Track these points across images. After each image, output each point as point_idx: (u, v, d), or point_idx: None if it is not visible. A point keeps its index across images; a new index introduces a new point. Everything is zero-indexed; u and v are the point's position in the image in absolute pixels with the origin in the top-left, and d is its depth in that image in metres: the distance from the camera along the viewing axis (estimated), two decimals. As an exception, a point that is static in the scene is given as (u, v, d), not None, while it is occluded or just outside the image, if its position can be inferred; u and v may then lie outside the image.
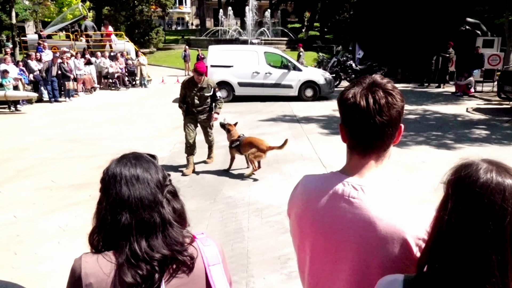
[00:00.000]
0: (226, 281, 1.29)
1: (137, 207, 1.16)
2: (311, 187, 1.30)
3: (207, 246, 1.30)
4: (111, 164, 1.23)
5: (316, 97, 14.12)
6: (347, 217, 1.18)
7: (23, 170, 6.89)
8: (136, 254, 1.14)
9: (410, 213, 1.13)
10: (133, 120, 11.18)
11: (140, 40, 30.31)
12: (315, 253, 1.28)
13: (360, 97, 1.17)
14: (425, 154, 7.51)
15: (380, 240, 1.12)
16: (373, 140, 1.20)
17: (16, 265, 3.97)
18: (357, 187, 1.18)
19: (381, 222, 1.12)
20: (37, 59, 14.95)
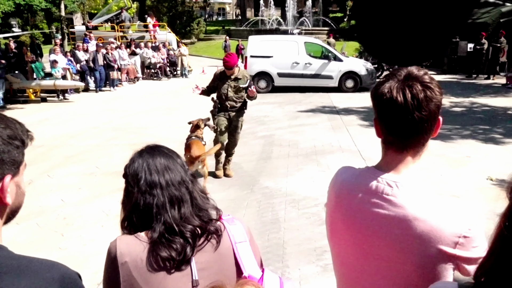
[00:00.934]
0: (254, 259, 1.32)
1: (168, 187, 1.25)
2: (345, 181, 1.29)
3: (233, 225, 1.35)
4: (135, 157, 1.32)
5: (357, 88, 13.84)
6: (380, 214, 1.15)
7: (71, 156, 7.21)
8: (170, 227, 1.21)
9: (447, 211, 1.10)
10: (174, 109, 11.42)
11: (181, 30, 30.77)
12: (347, 248, 1.27)
13: (397, 92, 1.12)
14: (471, 148, 7.21)
15: (416, 239, 1.09)
16: (411, 136, 1.15)
17: (63, 246, 4.18)
18: (391, 184, 1.15)
19: (417, 220, 1.09)
20: (84, 49, 15.51)
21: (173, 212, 1.22)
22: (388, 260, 1.15)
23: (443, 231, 1.07)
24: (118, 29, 19.67)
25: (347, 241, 1.26)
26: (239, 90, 5.75)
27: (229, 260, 1.29)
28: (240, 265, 1.29)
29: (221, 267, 1.28)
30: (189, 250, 1.21)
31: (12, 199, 0.91)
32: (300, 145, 7.59)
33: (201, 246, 1.25)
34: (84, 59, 15.00)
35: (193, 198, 1.28)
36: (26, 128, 0.96)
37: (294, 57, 13.77)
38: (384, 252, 1.16)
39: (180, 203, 1.25)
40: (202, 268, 1.24)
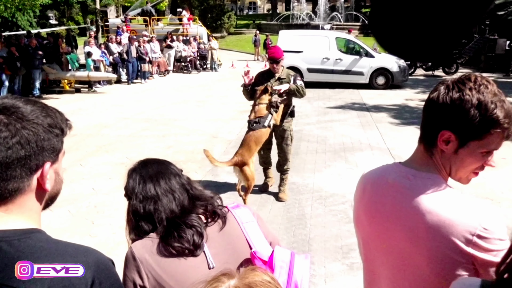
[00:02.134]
0: (262, 236, 1.37)
1: (165, 191, 1.32)
2: (369, 175, 1.33)
3: (238, 209, 1.42)
4: (130, 172, 1.41)
5: (388, 85, 13.56)
6: (397, 207, 1.18)
7: (103, 146, 7.40)
8: (173, 222, 1.27)
9: (462, 208, 1.08)
10: (203, 102, 11.52)
11: (212, 24, 30.94)
12: (369, 240, 1.31)
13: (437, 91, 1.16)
14: (507, 150, 6.94)
15: (428, 233, 1.09)
16: (431, 139, 1.16)
17: (94, 233, 4.30)
18: (411, 178, 1.17)
19: (430, 214, 1.09)
20: (117, 42, 15.83)
21: (171, 207, 1.29)
22: (404, 253, 1.17)
23: (455, 225, 1.06)
24: (150, 22, 19.96)
25: (368, 234, 1.30)
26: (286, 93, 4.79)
27: (240, 240, 1.35)
28: (249, 242, 1.34)
29: (234, 249, 1.33)
30: (197, 237, 1.26)
31: (51, 186, 0.94)
32: (328, 141, 7.52)
33: (210, 227, 1.32)
34: (117, 51, 15.32)
35: (189, 192, 1.35)
36: (66, 117, 0.99)
37: (324, 52, 13.62)
38: (401, 245, 1.18)
39: (178, 199, 1.31)
40: (216, 253, 1.29)
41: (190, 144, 7.37)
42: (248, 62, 20.96)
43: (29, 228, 0.90)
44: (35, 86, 12.30)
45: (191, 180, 1.42)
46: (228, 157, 6.59)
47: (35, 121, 0.89)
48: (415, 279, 1.15)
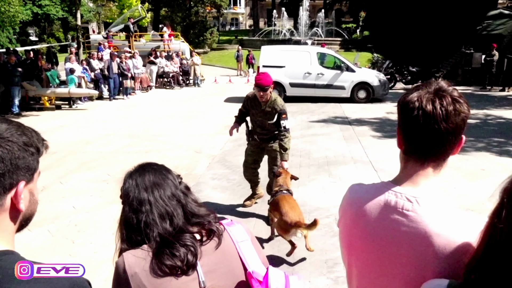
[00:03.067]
0: (257, 256, 1.34)
1: (157, 202, 1.28)
2: (361, 197, 1.26)
3: (232, 226, 1.39)
4: (126, 177, 1.37)
5: (369, 99, 13.78)
6: (401, 231, 1.13)
7: (85, 163, 7.28)
8: (165, 239, 1.23)
9: (470, 227, 1.07)
10: (187, 118, 11.49)
11: (195, 40, 31.11)
12: (366, 266, 1.24)
13: (427, 101, 1.11)
14: (486, 161, 7.10)
15: (437, 256, 1.07)
16: (435, 147, 1.14)
17: (74, 253, 4.20)
18: (411, 199, 1.13)
19: (439, 237, 1.07)
20: (99, 58, 15.75)
21: (165, 226, 1.25)
22: (408, 278, 1.13)
23: (466, 247, 1.05)
24: (132, 39, 19.94)
25: (365, 259, 1.23)
26: (269, 125, 4.77)
27: (234, 259, 1.32)
28: (244, 263, 1.31)
29: (228, 267, 1.30)
30: (191, 257, 1.23)
31: (26, 206, 0.92)
32: (312, 155, 7.55)
33: (204, 245, 1.28)
34: (99, 67, 15.22)
35: (185, 208, 1.31)
36: (42, 137, 0.97)
37: (306, 67, 13.79)
38: (404, 269, 1.14)
39: (172, 216, 1.27)
40: (209, 270, 1.26)
41: (175, 159, 7.31)
42: (231, 78, 21.08)
43: (1, 250, 0.87)
44: (14, 104, 12.08)
45: (188, 191, 1.36)
46: (213, 172, 6.58)
47: (10, 139, 0.88)
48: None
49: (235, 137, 6.61)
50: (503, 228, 0.87)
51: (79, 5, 20.27)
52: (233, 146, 8.11)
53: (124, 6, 33.07)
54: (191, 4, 34.81)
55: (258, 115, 4.73)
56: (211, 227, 1.31)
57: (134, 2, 31.14)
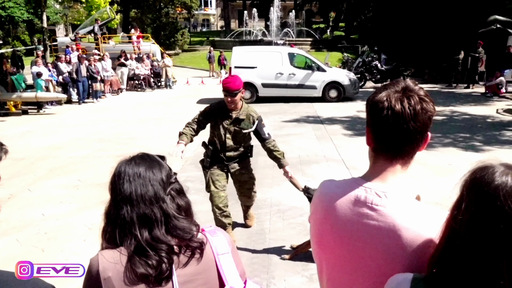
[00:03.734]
0: (236, 270, 1.32)
1: (138, 202, 1.22)
2: (332, 193, 1.27)
3: (215, 236, 1.34)
4: (118, 164, 1.30)
5: (341, 98, 14.00)
6: (370, 225, 1.15)
7: (54, 169, 7.09)
8: (141, 246, 1.19)
9: (437, 221, 1.10)
10: (160, 120, 11.37)
11: (166, 42, 30.78)
12: (336, 261, 1.26)
13: (395, 101, 1.14)
14: (452, 156, 7.33)
15: (405, 249, 1.10)
16: (404, 146, 1.17)
17: (44, 261, 4.09)
18: (380, 194, 1.16)
19: (407, 230, 1.10)
20: (67, 61, 15.39)
21: (142, 233, 1.20)
22: (377, 272, 1.15)
23: (434, 239, 1.08)
24: (100, 41, 19.58)
25: (336, 255, 1.25)
26: (243, 137, 4.12)
27: (212, 272, 1.29)
28: (222, 277, 1.29)
29: (205, 280, 1.28)
30: (165, 267, 1.19)
31: None
32: (285, 155, 7.59)
33: (182, 262, 1.24)
34: (67, 70, 14.87)
35: (167, 217, 1.24)
36: (1, 141, 0.95)
37: (278, 67, 13.88)
38: (374, 263, 1.16)
39: (152, 223, 1.21)
40: (185, 281, 1.24)
41: (146, 163, 7.22)
42: (203, 79, 20.99)
43: None
44: (-23, 109, 11.67)
45: (178, 195, 1.30)
46: (186, 174, 6.53)
47: None
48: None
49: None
50: (462, 220, 0.91)
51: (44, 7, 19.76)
52: (206, 148, 8.08)
53: (92, 7, 32.43)
54: (161, 5, 34.44)
55: (227, 126, 3.99)
56: (194, 243, 1.26)
57: (102, 3, 30.58)
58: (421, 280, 0.97)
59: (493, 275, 0.86)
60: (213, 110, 4.05)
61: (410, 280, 0.99)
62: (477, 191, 0.91)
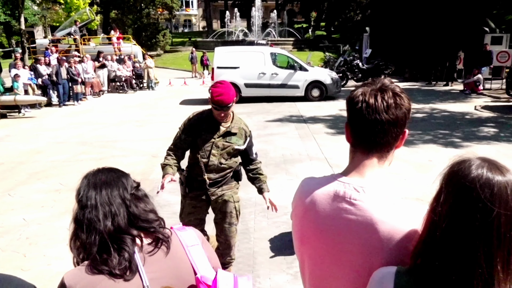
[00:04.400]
0: (207, 261, 1.35)
1: (102, 199, 1.27)
2: (312, 189, 1.30)
3: (183, 231, 1.38)
4: (83, 176, 1.37)
5: (323, 97, 14.11)
6: (349, 219, 1.18)
7: (35, 173, 6.98)
8: (104, 241, 1.22)
9: (414, 215, 1.13)
10: (142, 122, 11.27)
11: (147, 43, 30.52)
12: (317, 255, 1.28)
13: (369, 95, 1.20)
14: (433, 152, 7.48)
15: (383, 242, 1.12)
16: (378, 138, 1.20)
17: (26, 267, 4.03)
18: (358, 189, 1.19)
19: (384, 224, 1.12)
20: (46, 63, 15.13)
21: (106, 223, 1.24)
22: (356, 266, 1.18)
23: (410, 233, 1.11)
24: (80, 42, 19.32)
25: (316, 249, 1.27)
26: (232, 155, 3.31)
27: (184, 264, 1.32)
28: (194, 267, 1.31)
29: (176, 273, 1.30)
30: (125, 261, 1.21)
31: None
32: (269, 155, 7.65)
33: (151, 254, 1.27)
34: (46, 73, 14.63)
35: (129, 209, 1.29)
36: None
37: (260, 67, 13.92)
38: (353, 257, 1.18)
39: (114, 215, 1.26)
40: (156, 277, 1.25)
41: (130, 165, 7.17)
42: (186, 80, 20.89)
43: None
44: (-46, 113, 11.39)
45: (141, 199, 1.34)
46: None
47: None
48: None
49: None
50: (441, 212, 0.95)
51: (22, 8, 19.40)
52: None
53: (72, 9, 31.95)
54: (141, 6, 34.11)
55: (215, 140, 3.20)
56: (156, 234, 1.30)
57: (82, 4, 30.13)
58: (404, 273, 1.00)
59: (472, 264, 0.89)
60: (197, 122, 3.26)
61: (393, 273, 1.01)
62: (455, 183, 0.95)
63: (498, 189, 0.90)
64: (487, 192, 0.90)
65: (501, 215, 0.88)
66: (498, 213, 0.88)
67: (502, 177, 0.91)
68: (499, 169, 0.93)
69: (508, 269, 0.89)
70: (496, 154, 6.94)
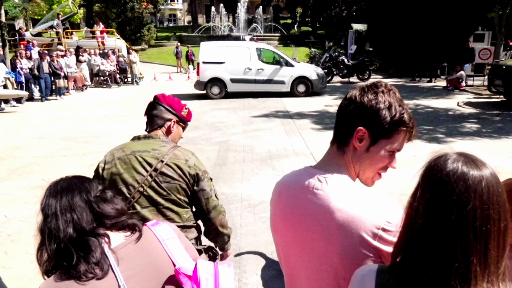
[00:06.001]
0: (185, 252, 1.34)
1: (65, 207, 1.23)
2: (285, 181, 1.36)
3: (157, 226, 1.36)
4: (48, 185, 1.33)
5: (309, 93, 14.15)
6: (310, 208, 1.21)
7: (16, 169, 6.84)
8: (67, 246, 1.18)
9: (370, 204, 1.15)
10: (126, 117, 11.13)
11: (131, 37, 30.11)
12: (287, 245, 1.32)
13: (358, 91, 1.25)
14: (417, 148, 7.55)
15: (339, 229, 1.14)
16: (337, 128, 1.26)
17: (8, 264, 3.95)
18: (321, 179, 1.22)
19: (340, 212, 1.15)
20: (27, 57, 14.81)
21: (67, 228, 1.19)
22: (319, 253, 1.21)
23: (363, 220, 1.12)
24: (63, 36, 18.98)
25: (286, 239, 1.31)
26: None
27: (161, 258, 1.30)
28: (172, 259, 1.30)
29: (154, 267, 1.27)
30: (95, 259, 1.17)
31: None
32: (255, 150, 7.64)
33: (124, 251, 1.23)
34: (28, 67, 14.32)
35: (95, 210, 1.25)
36: None
37: (246, 63, 13.87)
38: (316, 245, 1.21)
39: (77, 221, 1.21)
40: (132, 274, 1.22)
41: (114, 161, 7.08)
42: (171, 75, 20.72)
43: None
44: None
45: (108, 201, 1.30)
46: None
47: None
48: (330, 277, 1.19)
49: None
50: (418, 207, 0.95)
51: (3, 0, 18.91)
52: (175, 144, 8.00)
53: (54, 1, 31.37)
54: (126, 0, 33.62)
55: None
56: (128, 229, 1.28)
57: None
58: (386, 271, 1.00)
59: (449, 258, 0.89)
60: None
61: (374, 272, 1.02)
62: (431, 178, 0.96)
63: (473, 182, 0.90)
64: (461, 186, 0.90)
65: (476, 209, 0.89)
66: (473, 206, 0.89)
67: (477, 171, 0.92)
68: (475, 163, 0.94)
69: (486, 263, 0.89)
70: (478, 150, 7.06)
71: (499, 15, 15.57)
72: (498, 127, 9.28)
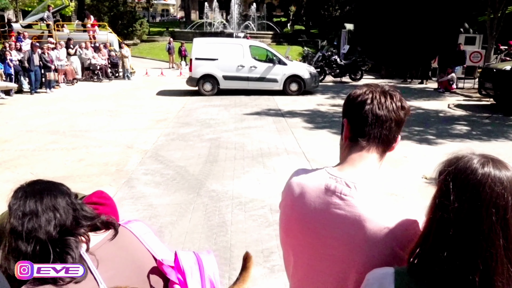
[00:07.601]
0: (162, 244, 1.33)
1: (45, 211, 1.18)
2: (302, 181, 1.29)
3: (131, 223, 1.35)
4: (16, 188, 1.29)
5: (301, 92, 14.15)
6: (337, 214, 1.17)
7: (3, 162, 6.73)
8: (46, 247, 1.13)
9: (402, 214, 1.13)
10: (117, 112, 11.03)
11: (123, 31, 29.86)
12: (301, 248, 1.27)
13: (379, 94, 1.26)
14: (408, 149, 7.60)
15: (368, 240, 1.12)
16: (382, 134, 1.24)
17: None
18: (350, 184, 1.17)
19: (371, 222, 1.12)
20: (17, 49, 14.59)
21: (48, 227, 1.15)
22: (339, 261, 1.17)
23: (395, 232, 1.10)
24: (54, 28, 18.74)
25: (301, 242, 1.26)
26: None
27: (141, 253, 1.28)
28: (152, 253, 1.29)
29: (134, 264, 1.25)
30: (72, 260, 1.13)
31: None
32: (246, 148, 7.61)
33: (102, 251, 1.20)
34: (17, 58, 14.12)
35: (77, 211, 1.22)
36: None
37: (239, 60, 13.83)
38: (337, 252, 1.17)
39: (58, 219, 1.17)
40: (112, 275, 1.19)
41: (103, 156, 7.01)
42: (162, 70, 20.59)
43: None
44: None
45: (81, 206, 1.27)
46: (145, 167, 6.41)
47: None
48: (351, 286, 1.16)
49: (167, 131, 6.48)
50: (447, 210, 0.93)
51: (-8, -10, 18.59)
52: (165, 140, 7.94)
53: (44, -7, 30.91)
54: (118, -6, 33.29)
55: None
56: (102, 221, 1.25)
57: (55, -11, 29.17)
58: (405, 274, 0.98)
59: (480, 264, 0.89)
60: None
61: (392, 274, 0.99)
62: (462, 181, 0.94)
63: (510, 184, 0.91)
64: (498, 189, 0.90)
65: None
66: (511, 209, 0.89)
67: (509, 173, 0.93)
68: (503, 164, 0.94)
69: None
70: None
71: (490, 18, 15.70)
72: (488, 129, 9.37)
